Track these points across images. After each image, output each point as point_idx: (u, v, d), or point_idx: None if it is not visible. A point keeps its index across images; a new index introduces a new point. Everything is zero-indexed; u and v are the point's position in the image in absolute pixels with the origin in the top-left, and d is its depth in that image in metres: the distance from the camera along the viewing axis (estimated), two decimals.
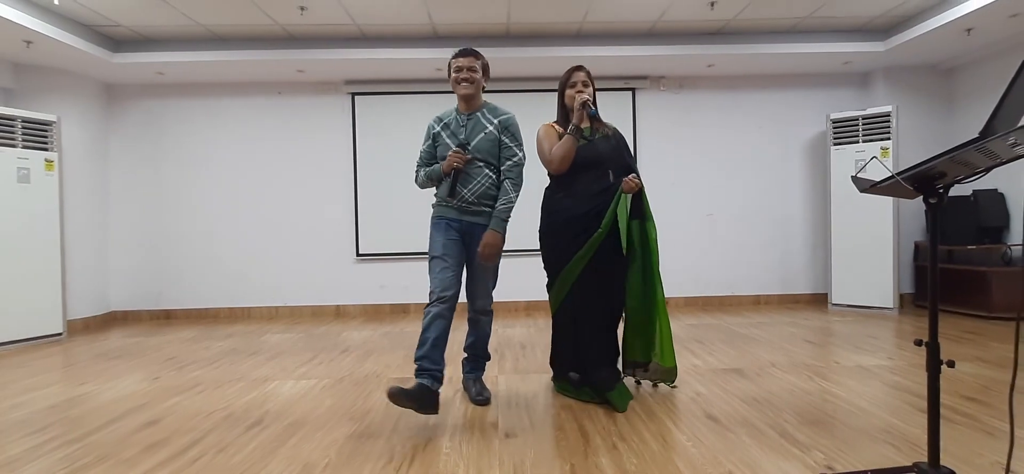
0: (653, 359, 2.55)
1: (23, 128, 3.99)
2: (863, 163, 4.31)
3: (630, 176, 2.39)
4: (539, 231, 2.53)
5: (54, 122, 4.17)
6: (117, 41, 4.41)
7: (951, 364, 1.35)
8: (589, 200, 2.36)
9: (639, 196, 2.44)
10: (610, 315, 2.47)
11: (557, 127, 2.49)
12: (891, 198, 4.59)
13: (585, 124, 2.39)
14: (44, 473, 1.86)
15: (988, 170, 1.41)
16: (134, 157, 5.10)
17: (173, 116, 5.13)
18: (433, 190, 2.47)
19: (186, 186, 5.14)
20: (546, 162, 2.45)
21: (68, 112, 4.51)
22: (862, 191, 1.39)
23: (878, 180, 1.34)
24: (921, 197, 1.41)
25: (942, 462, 1.63)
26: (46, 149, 4.13)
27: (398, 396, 2.04)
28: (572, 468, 1.81)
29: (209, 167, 5.14)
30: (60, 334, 4.21)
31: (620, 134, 2.57)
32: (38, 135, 4.09)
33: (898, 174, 1.26)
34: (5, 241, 3.89)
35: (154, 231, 5.12)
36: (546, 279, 2.54)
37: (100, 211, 4.94)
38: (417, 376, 2.17)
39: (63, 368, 3.34)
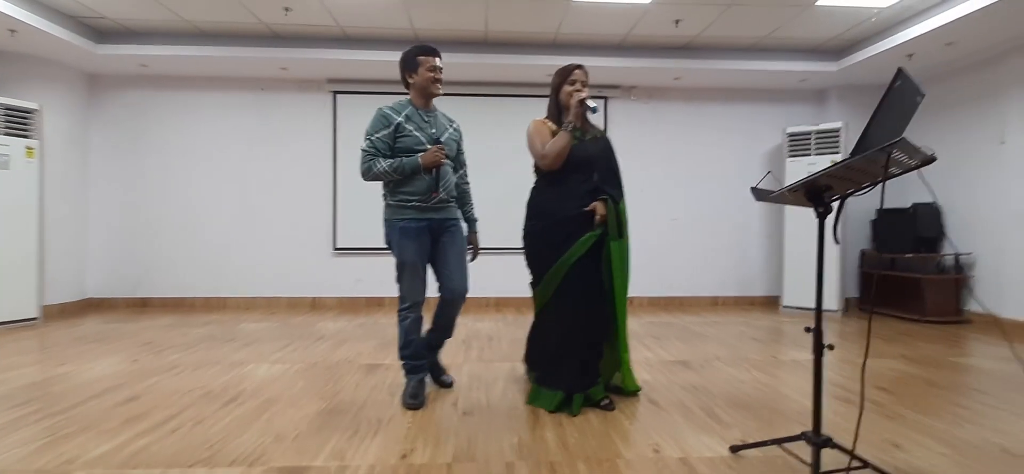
0: (614, 382, 2.52)
1: (5, 115, 4.06)
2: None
3: (598, 205, 2.31)
4: (524, 230, 2.44)
5: (36, 110, 4.24)
6: (101, 32, 4.49)
7: (831, 347, 1.60)
8: (577, 200, 2.32)
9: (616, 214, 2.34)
10: (592, 328, 2.35)
11: (549, 124, 2.42)
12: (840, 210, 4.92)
13: (575, 124, 2.33)
14: (29, 440, 2.00)
15: (874, 185, 1.66)
16: (115, 147, 5.16)
17: (155, 108, 5.21)
18: (375, 164, 2.38)
19: (166, 177, 5.22)
20: (539, 157, 2.36)
21: (50, 100, 4.57)
22: (758, 200, 1.63)
23: (771, 191, 1.58)
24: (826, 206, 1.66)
25: (839, 440, 1.91)
26: (27, 136, 4.19)
27: (416, 403, 2.35)
28: (519, 440, 2.02)
29: (190, 159, 5.24)
30: (36, 319, 4.28)
31: (607, 139, 2.51)
32: (20, 122, 4.15)
33: (787, 187, 1.50)
34: None
35: (133, 220, 5.19)
36: (530, 277, 2.45)
37: (79, 199, 4.99)
38: (412, 373, 2.46)
39: (40, 350, 3.43)
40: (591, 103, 2.29)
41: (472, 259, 2.64)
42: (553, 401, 2.30)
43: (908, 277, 4.74)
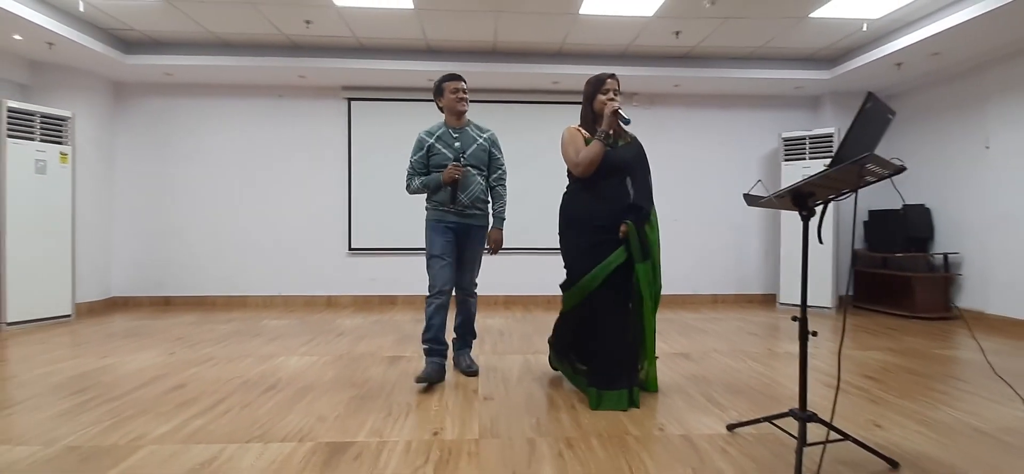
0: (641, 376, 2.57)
1: (41, 123, 4.28)
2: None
3: (623, 226, 2.40)
4: (559, 230, 2.56)
5: (70, 118, 4.46)
6: (129, 43, 4.72)
7: (814, 333, 1.82)
8: (610, 203, 2.42)
9: (640, 233, 2.42)
10: (623, 331, 2.42)
11: (582, 131, 2.50)
12: (830, 212, 5.15)
13: (609, 131, 2.41)
14: (96, 422, 2.22)
15: (855, 190, 1.88)
16: (140, 152, 5.39)
17: (178, 114, 5.44)
18: (423, 195, 2.89)
19: (188, 180, 5.45)
20: (573, 165, 2.45)
21: (79, 108, 4.79)
22: (750, 205, 1.86)
23: (762, 197, 1.80)
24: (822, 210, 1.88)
25: (824, 417, 2.13)
26: (61, 142, 4.42)
27: (426, 379, 2.65)
28: (537, 421, 2.24)
29: (211, 163, 5.46)
30: (69, 316, 4.50)
31: (640, 144, 2.58)
32: (55, 129, 4.38)
33: (774, 193, 1.73)
34: (24, 228, 4.18)
35: (156, 222, 5.42)
36: (564, 277, 2.55)
37: (105, 202, 5.22)
38: (429, 355, 2.74)
39: (79, 345, 3.65)
40: (625, 113, 2.38)
41: (491, 252, 2.94)
42: (623, 400, 2.34)
43: (899, 275, 4.96)
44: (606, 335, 2.39)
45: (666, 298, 5.71)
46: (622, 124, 2.42)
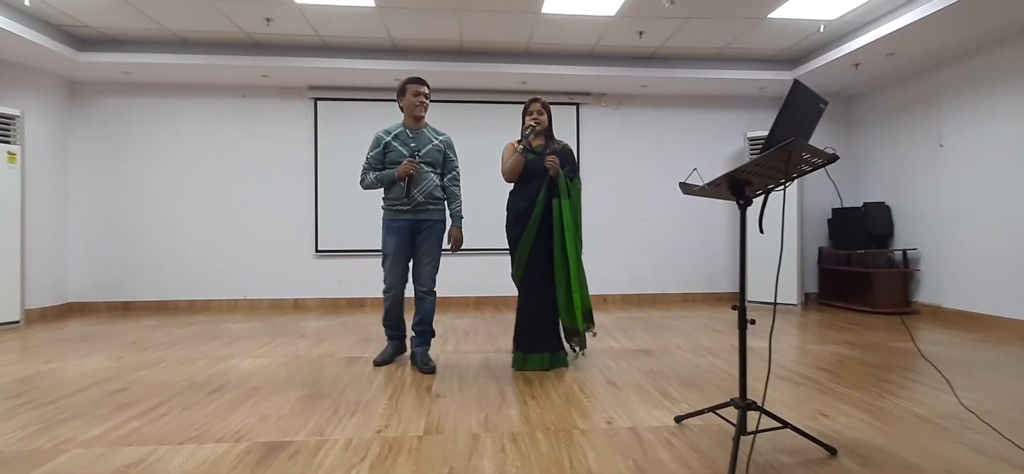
0: (575, 324, 2.90)
1: None
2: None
3: (549, 156, 2.85)
4: (505, 223, 3.02)
5: (18, 116, 4.31)
6: (83, 40, 4.59)
7: (752, 322, 1.83)
8: (532, 201, 2.89)
9: (556, 179, 2.85)
10: (545, 303, 2.90)
11: (516, 144, 3.01)
12: (794, 211, 5.24)
13: (538, 143, 2.97)
14: (24, 426, 2.12)
15: (789, 181, 1.89)
16: (96, 152, 5.24)
17: (137, 114, 5.30)
18: (379, 192, 3.01)
19: (148, 182, 5.31)
20: (502, 172, 2.99)
21: (30, 106, 4.64)
22: (685, 194, 1.86)
23: (697, 185, 1.80)
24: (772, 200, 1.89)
25: (773, 409, 2.15)
26: (9, 142, 4.27)
27: (382, 360, 3.00)
28: (486, 418, 2.21)
29: (172, 164, 5.33)
30: (18, 322, 4.33)
31: (568, 149, 3.00)
32: (2, 128, 4.22)
33: (709, 182, 1.73)
34: None
35: (114, 224, 5.26)
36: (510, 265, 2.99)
37: (60, 204, 5.05)
38: (390, 339, 3.09)
39: (25, 350, 3.51)
40: (527, 131, 2.93)
41: (453, 250, 3.05)
42: (544, 362, 2.88)
43: (860, 272, 5.06)
44: (530, 306, 2.89)
45: (636, 297, 5.75)
46: (541, 135, 2.97)
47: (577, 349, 3.04)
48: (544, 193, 2.85)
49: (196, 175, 5.35)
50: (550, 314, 2.91)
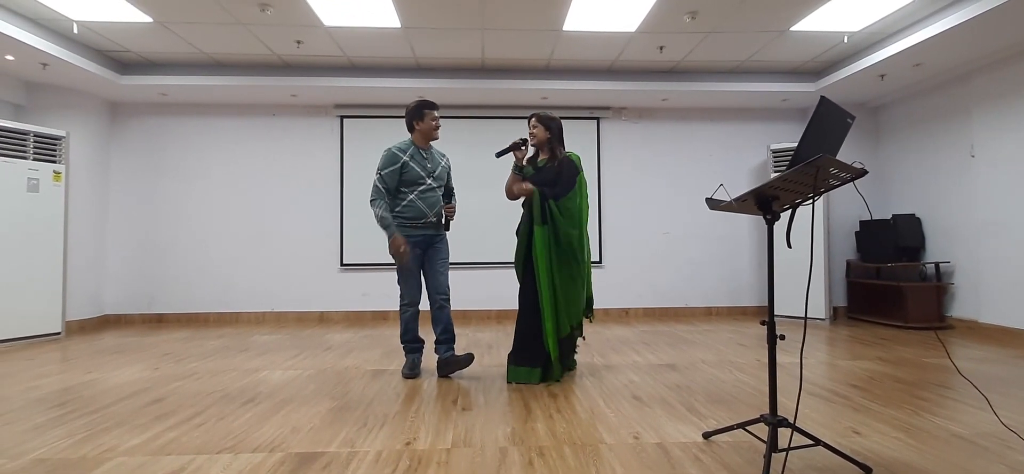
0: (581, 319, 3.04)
1: (35, 142, 4.36)
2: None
3: (522, 185, 3.01)
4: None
5: (63, 137, 4.53)
6: (125, 64, 4.81)
7: (782, 337, 1.81)
8: (527, 215, 3.07)
9: (531, 206, 2.95)
10: (533, 320, 2.98)
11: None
12: (821, 223, 5.15)
13: (543, 158, 3.09)
14: (70, 434, 2.22)
15: (817, 194, 1.88)
16: (134, 170, 5.46)
17: (173, 133, 5.52)
18: (379, 205, 3.11)
19: (182, 198, 5.50)
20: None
21: (74, 127, 4.87)
22: (712, 209, 1.87)
23: (723, 201, 1.81)
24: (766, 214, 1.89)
25: (804, 426, 2.13)
26: (55, 161, 4.48)
27: (414, 373, 3.10)
28: (513, 430, 2.23)
29: (205, 181, 5.52)
30: (58, 333, 4.51)
31: (564, 164, 3.00)
32: (48, 149, 4.45)
33: (736, 197, 1.74)
34: (14, 246, 4.22)
35: (150, 240, 5.46)
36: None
37: (99, 220, 5.27)
38: (409, 353, 3.17)
39: (66, 361, 3.66)
40: (502, 148, 3.12)
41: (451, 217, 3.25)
42: (534, 376, 2.94)
43: (891, 285, 4.94)
44: (522, 322, 3.01)
45: (659, 311, 5.70)
46: (530, 151, 3.12)
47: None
48: (524, 223, 3.02)
49: (227, 192, 5.53)
50: (540, 332, 2.96)
